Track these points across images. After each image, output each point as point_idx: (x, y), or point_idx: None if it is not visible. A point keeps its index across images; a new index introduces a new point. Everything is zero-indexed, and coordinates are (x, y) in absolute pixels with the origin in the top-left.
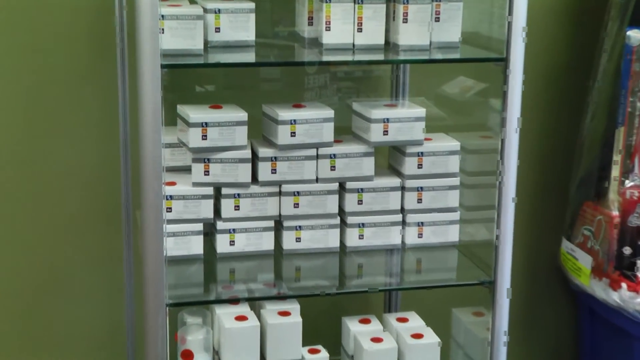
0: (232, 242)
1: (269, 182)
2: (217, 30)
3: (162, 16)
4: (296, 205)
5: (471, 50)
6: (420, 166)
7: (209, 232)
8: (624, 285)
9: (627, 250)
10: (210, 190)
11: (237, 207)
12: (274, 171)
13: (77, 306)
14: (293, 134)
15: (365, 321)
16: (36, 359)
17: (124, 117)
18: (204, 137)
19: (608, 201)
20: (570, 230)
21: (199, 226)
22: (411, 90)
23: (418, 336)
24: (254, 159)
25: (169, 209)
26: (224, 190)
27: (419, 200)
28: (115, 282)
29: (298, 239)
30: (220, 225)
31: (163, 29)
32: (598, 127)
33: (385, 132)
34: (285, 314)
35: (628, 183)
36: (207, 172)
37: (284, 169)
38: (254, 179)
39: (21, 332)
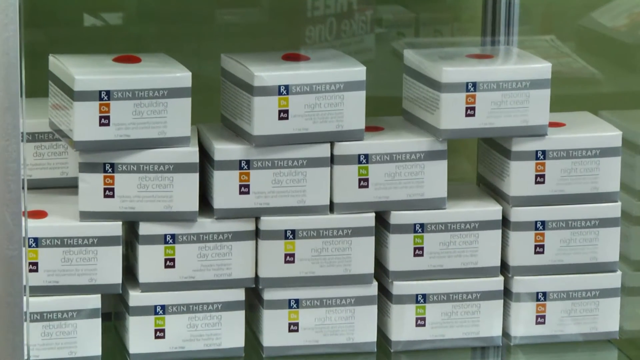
0: (159, 333)
1: (235, 212)
2: None
3: None
4: (290, 259)
5: None
6: (541, 179)
7: (115, 313)
8: None
9: None
10: (116, 229)
11: (170, 263)
12: (245, 189)
13: None
14: (284, 114)
15: None
16: None
17: None
18: (105, 119)
19: None
20: None
21: (95, 301)
22: (523, 23)
23: None
24: (205, 163)
25: (33, 266)
26: (144, 229)
27: (539, 249)
28: None
29: (294, 327)
30: (135, 298)
31: None
32: None
33: (471, 111)
34: None
35: None
36: (110, 192)
37: (265, 185)
38: (205, 204)
39: None
